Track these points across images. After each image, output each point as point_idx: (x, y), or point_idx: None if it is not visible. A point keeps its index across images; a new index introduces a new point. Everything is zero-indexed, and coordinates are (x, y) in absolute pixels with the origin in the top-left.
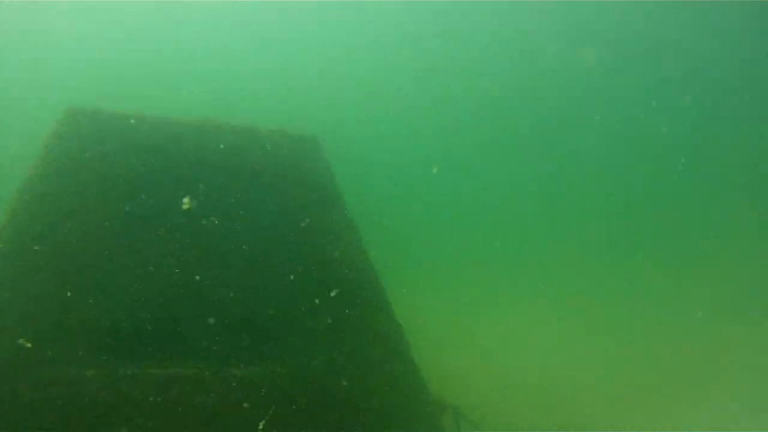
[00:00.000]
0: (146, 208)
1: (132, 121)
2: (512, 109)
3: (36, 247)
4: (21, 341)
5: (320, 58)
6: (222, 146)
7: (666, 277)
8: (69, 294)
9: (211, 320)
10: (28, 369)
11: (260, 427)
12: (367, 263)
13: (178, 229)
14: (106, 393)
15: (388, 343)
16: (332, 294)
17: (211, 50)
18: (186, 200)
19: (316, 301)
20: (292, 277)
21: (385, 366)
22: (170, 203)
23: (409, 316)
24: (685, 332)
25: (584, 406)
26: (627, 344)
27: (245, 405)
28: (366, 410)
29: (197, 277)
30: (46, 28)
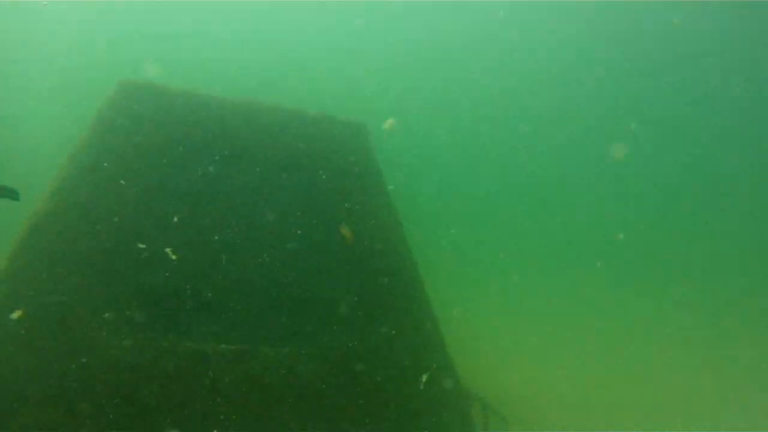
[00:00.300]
0: (191, 184)
1: (182, 97)
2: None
3: (80, 217)
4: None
5: (368, 48)
6: (269, 127)
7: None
8: (111, 262)
9: (247, 299)
10: (67, 333)
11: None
12: (406, 252)
13: (220, 206)
14: (141, 363)
15: (423, 332)
16: (370, 280)
17: (257, 34)
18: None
19: (353, 286)
20: (330, 261)
21: (417, 355)
22: (215, 180)
23: (444, 306)
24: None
25: (605, 408)
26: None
27: (274, 383)
28: (395, 397)
29: (238, 258)
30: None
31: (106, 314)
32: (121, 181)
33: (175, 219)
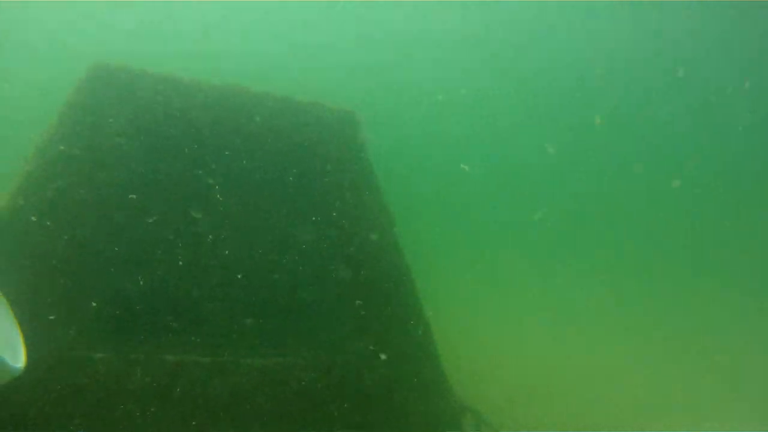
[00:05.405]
0: (169, 178)
1: (159, 81)
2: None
3: (47, 219)
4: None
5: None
6: (255, 115)
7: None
8: (80, 271)
9: (231, 306)
10: (36, 349)
11: None
12: (399, 255)
13: (201, 203)
14: (114, 377)
15: (415, 339)
16: (361, 285)
17: (245, 18)
18: None
19: (344, 291)
20: (319, 265)
21: (410, 362)
22: (195, 174)
23: (437, 311)
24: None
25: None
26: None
27: (259, 395)
28: (387, 406)
29: (219, 258)
30: None
31: (75, 326)
32: (90, 177)
33: (152, 219)
